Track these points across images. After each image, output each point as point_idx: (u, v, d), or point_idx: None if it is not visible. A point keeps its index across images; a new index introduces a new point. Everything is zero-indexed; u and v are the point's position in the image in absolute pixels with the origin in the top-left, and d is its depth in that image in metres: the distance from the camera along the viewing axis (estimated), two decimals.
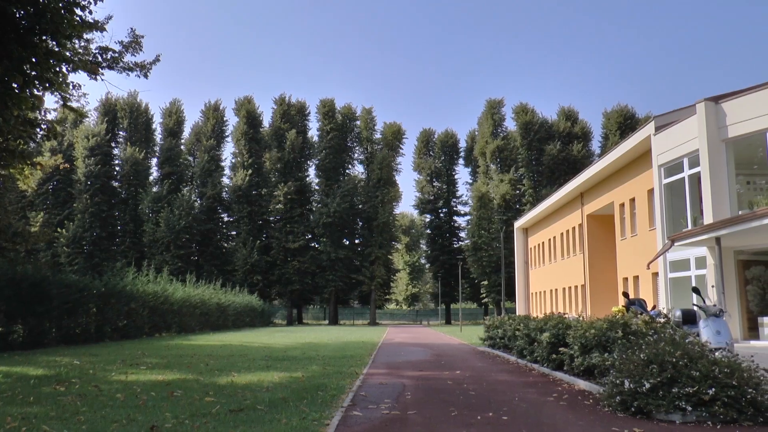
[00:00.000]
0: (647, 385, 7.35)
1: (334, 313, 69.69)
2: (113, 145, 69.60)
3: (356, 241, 71.01)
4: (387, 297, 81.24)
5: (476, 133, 77.79)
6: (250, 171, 67.23)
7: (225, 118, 72.95)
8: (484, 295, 69.07)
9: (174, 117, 71.46)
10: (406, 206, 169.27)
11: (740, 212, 21.71)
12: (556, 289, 45.71)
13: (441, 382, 11.37)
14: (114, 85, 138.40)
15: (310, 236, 68.47)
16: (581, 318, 12.29)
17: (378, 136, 73.32)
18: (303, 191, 69.01)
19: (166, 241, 62.64)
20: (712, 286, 22.03)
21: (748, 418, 7.00)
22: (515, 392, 9.99)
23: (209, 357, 16.76)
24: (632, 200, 31.42)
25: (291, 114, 70.95)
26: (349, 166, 72.66)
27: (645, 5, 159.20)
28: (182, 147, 72.15)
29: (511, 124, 73.93)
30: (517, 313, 39.42)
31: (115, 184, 68.33)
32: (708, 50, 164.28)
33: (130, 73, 16.55)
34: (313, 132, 72.88)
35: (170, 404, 8.28)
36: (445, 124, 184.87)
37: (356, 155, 73.21)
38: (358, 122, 72.67)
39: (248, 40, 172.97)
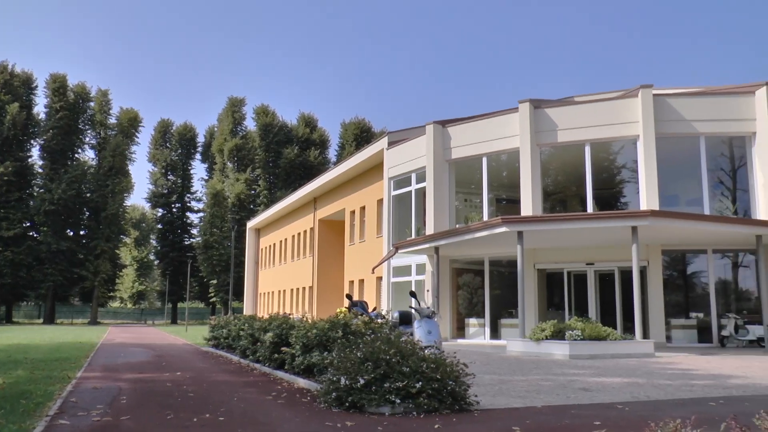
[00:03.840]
0: (362, 381, 7.68)
1: (50, 310, 63.31)
2: None
3: (81, 233, 65.49)
4: (111, 294, 76.46)
5: (215, 129, 76.59)
6: None
7: None
8: (212, 294, 68.03)
9: None
10: (138, 198, 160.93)
11: (457, 226, 23.82)
12: (285, 290, 46.42)
13: (160, 385, 10.91)
14: None
15: (28, 224, 61.92)
16: (305, 319, 12.57)
17: (113, 121, 68.49)
18: (23, 173, 61.90)
19: None
20: (428, 291, 23.91)
21: (447, 407, 7.64)
22: (235, 392, 9.91)
23: None
24: (363, 208, 32.97)
25: (14, 85, 62.76)
26: (79, 150, 66.85)
27: (390, 25, 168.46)
28: None
29: (251, 124, 73.95)
30: (244, 313, 39.33)
31: None
32: (445, 72, 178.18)
33: None
34: (40, 108, 66.01)
35: None
36: (185, 116, 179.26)
37: (88, 139, 67.60)
38: (92, 104, 67.04)
39: None
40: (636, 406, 8.21)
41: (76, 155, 66.33)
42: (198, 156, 79.59)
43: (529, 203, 22.60)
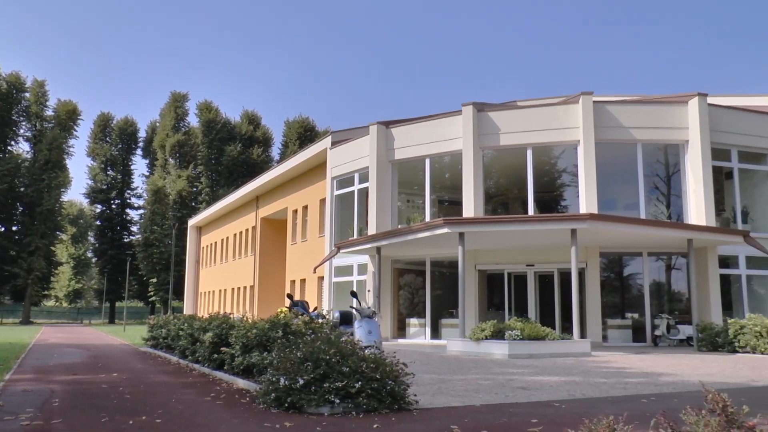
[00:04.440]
0: (301, 382, 7.63)
1: None
2: None
3: (14, 228, 63.27)
4: (45, 293, 74.08)
5: (157, 124, 75.25)
6: None
7: None
8: (152, 293, 66.76)
9: None
10: (76, 194, 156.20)
11: (399, 226, 23.93)
12: (226, 289, 45.91)
13: (95, 386, 10.61)
14: None
15: None
16: (245, 318, 12.43)
17: (50, 113, 66.17)
18: None
19: None
20: (369, 291, 23.95)
21: (387, 406, 7.65)
22: (173, 393, 9.73)
23: None
24: (305, 207, 32.84)
25: None
26: (13, 143, 64.44)
27: (335, 24, 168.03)
28: None
29: (193, 120, 72.93)
30: (184, 313, 38.76)
31: None
32: (390, 73, 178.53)
33: None
34: None
35: None
36: (126, 110, 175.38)
37: (22, 131, 65.24)
38: (27, 94, 64.62)
39: None
40: (572, 404, 8.39)
41: (8, 148, 63.99)
42: (139, 151, 78.10)
43: (471, 205, 22.85)
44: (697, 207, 21.92)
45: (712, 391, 3.97)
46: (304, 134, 70.32)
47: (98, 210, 76.13)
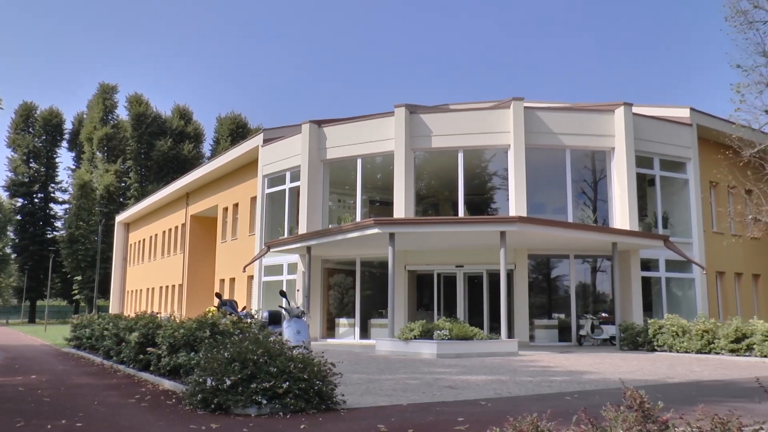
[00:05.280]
0: (228, 382, 7.56)
1: None
2: None
3: None
4: None
5: (85, 116, 72.94)
6: None
7: None
8: (76, 291, 64.63)
9: None
10: None
11: (330, 226, 23.90)
12: (154, 288, 44.94)
13: (11, 389, 10.20)
14: None
15: None
16: (173, 318, 12.19)
17: None
18: None
19: None
20: (298, 290, 23.86)
21: (314, 406, 7.66)
22: (96, 396, 9.47)
23: None
24: (236, 205, 32.45)
25: None
26: None
27: (269, 22, 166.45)
28: None
29: (123, 113, 71.00)
30: (110, 312, 37.75)
31: None
32: (323, 72, 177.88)
33: None
34: None
35: None
36: (51, 100, 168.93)
37: None
38: None
39: None
40: (498, 402, 8.55)
41: None
42: (65, 144, 75.52)
43: (401, 206, 22.98)
44: (622, 212, 22.65)
45: (631, 389, 4.15)
46: (236, 131, 69.36)
47: (19, 204, 73.23)
